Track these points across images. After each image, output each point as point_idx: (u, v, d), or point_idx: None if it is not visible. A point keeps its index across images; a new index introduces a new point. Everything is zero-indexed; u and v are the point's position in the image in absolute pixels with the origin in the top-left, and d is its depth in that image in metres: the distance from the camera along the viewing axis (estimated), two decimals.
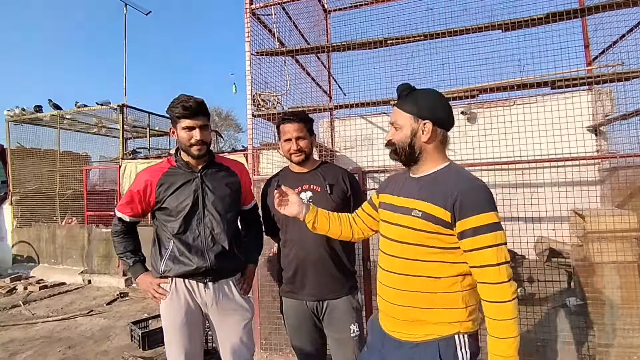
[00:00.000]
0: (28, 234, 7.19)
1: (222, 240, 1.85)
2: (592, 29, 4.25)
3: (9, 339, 3.94)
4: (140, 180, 1.85)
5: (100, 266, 6.37)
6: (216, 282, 1.85)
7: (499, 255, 1.19)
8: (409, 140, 1.35)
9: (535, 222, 3.75)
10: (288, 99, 3.74)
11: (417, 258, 1.30)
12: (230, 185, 1.94)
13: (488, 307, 1.21)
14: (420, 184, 1.35)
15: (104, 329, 4.18)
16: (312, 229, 1.65)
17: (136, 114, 7.73)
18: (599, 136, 4.63)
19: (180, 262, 1.80)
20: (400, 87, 1.39)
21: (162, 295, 1.82)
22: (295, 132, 1.90)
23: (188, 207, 1.81)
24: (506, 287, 1.18)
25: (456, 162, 1.41)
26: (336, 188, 1.91)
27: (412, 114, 1.34)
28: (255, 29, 3.38)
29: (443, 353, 1.26)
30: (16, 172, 7.60)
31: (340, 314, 1.85)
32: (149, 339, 3.52)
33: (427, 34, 3.05)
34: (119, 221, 1.90)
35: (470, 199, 1.22)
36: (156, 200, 1.84)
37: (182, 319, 1.81)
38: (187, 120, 1.78)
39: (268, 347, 3.06)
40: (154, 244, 1.90)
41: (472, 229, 1.20)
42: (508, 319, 1.18)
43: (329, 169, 2.02)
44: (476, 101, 5.05)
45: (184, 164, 1.87)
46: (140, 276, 1.89)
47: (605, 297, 2.98)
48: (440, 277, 1.27)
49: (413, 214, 1.30)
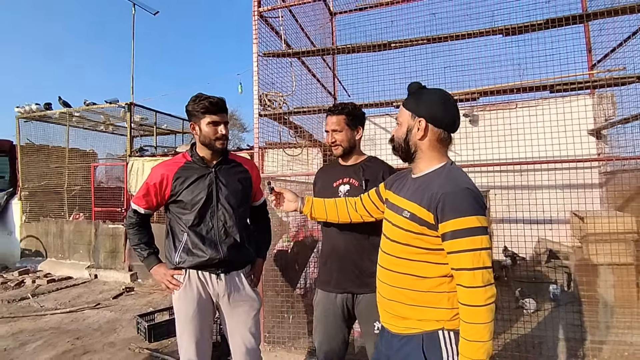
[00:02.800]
0: (36, 229, 7.32)
1: (234, 233, 1.92)
2: (594, 33, 4.30)
3: (19, 330, 4.04)
4: (156, 173, 1.91)
5: (107, 261, 6.48)
6: (228, 274, 1.92)
7: (475, 260, 1.18)
8: (404, 137, 1.38)
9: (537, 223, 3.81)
10: (294, 99, 3.82)
11: (404, 256, 1.34)
12: (242, 180, 2.01)
13: (461, 309, 1.23)
14: (416, 184, 1.37)
15: (110, 322, 4.28)
16: (312, 218, 1.77)
17: (143, 112, 7.84)
18: (600, 140, 4.69)
19: (194, 254, 1.86)
20: (410, 85, 1.41)
21: (176, 286, 1.89)
22: (333, 124, 1.93)
23: (202, 200, 1.88)
24: (480, 291, 1.18)
25: (457, 164, 1.42)
26: (371, 185, 1.87)
27: (411, 111, 1.37)
28: (263, 31, 3.47)
29: (426, 346, 1.28)
30: (25, 168, 7.73)
31: (367, 308, 1.85)
32: (154, 332, 3.61)
33: (430, 37, 3.12)
34: (134, 213, 1.97)
35: (451, 202, 1.22)
36: (171, 193, 1.90)
37: (195, 309, 1.88)
38: (214, 115, 1.86)
39: (271, 341, 3.14)
40: (168, 236, 1.96)
41: (450, 232, 1.21)
42: (479, 322, 1.18)
43: (372, 164, 2.01)
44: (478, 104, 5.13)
45: (199, 159, 1.94)
46: (155, 267, 1.95)
47: (602, 297, 3.04)
48: (425, 276, 1.30)
49: (403, 215, 1.33)
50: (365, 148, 2.15)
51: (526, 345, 2.88)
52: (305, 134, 4.03)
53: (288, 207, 1.77)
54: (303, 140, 4.14)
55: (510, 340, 2.99)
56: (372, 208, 1.69)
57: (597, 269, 3.12)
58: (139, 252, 1.99)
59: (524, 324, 2.97)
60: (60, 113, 7.59)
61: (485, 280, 1.19)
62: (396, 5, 3.99)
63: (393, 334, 1.39)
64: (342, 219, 1.75)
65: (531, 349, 2.86)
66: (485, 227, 1.22)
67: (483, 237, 1.20)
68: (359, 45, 3.39)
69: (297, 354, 3.02)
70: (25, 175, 7.70)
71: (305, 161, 4.17)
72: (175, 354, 3.29)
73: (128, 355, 3.39)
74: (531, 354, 2.77)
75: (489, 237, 1.23)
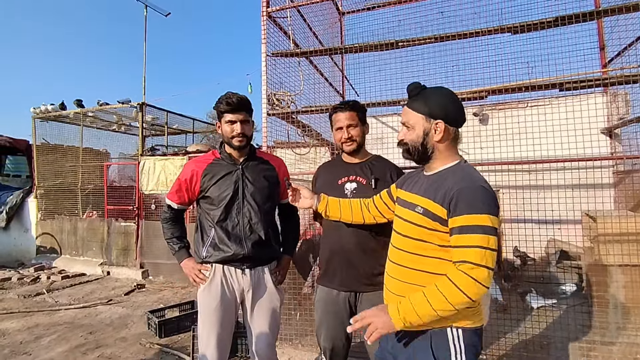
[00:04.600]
0: (51, 227, 7.49)
1: (258, 229, 1.95)
2: (608, 30, 4.22)
3: (35, 324, 4.16)
4: (187, 170, 1.99)
5: (119, 258, 6.61)
6: (253, 269, 1.96)
7: (479, 257, 1.17)
8: (421, 140, 1.37)
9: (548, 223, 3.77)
10: (302, 98, 3.85)
11: (417, 252, 1.34)
12: (269, 178, 2.04)
13: (440, 281, 1.22)
14: (430, 181, 1.37)
15: (122, 317, 4.36)
16: (325, 216, 1.76)
17: (155, 112, 7.94)
18: (613, 139, 4.61)
19: (220, 249, 1.92)
20: (410, 86, 1.40)
21: (202, 280, 1.94)
22: (347, 120, 1.91)
23: (229, 196, 1.92)
24: (471, 282, 1.16)
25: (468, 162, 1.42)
26: (381, 183, 1.88)
27: (424, 114, 1.35)
28: (271, 31, 3.50)
29: (435, 344, 1.29)
30: (41, 167, 7.91)
31: (370, 306, 1.87)
32: (165, 327, 3.68)
33: (437, 36, 3.11)
34: (168, 208, 2.05)
35: (465, 198, 1.22)
36: (200, 189, 1.96)
37: (218, 303, 1.92)
38: (230, 114, 1.91)
39: (279, 338, 3.15)
40: (197, 230, 2.02)
41: (459, 227, 1.21)
42: (442, 299, 1.18)
43: (379, 162, 2.00)
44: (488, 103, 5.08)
45: (227, 156, 2.00)
46: (184, 261, 2.01)
47: (613, 298, 2.99)
48: (439, 273, 1.28)
49: (415, 210, 1.34)
50: (373, 147, 2.15)
51: (534, 346, 2.86)
52: (313, 133, 4.06)
53: (304, 203, 1.78)
54: (311, 139, 4.17)
55: (519, 340, 2.97)
56: (384, 209, 1.69)
57: (609, 270, 3.07)
58: (171, 246, 2.07)
59: (532, 324, 2.94)
60: (75, 113, 7.74)
61: (482, 279, 1.17)
62: (404, 4, 3.99)
63: (399, 332, 1.37)
64: (356, 219, 1.75)
65: (539, 349, 2.83)
66: (496, 228, 1.20)
67: (491, 238, 1.18)
68: (367, 44, 3.39)
69: (304, 351, 3.05)
70: (40, 174, 7.88)
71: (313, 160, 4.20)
72: (184, 350, 3.35)
73: (139, 350, 3.46)
74: (539, 354, 2.75)
75: (496, 239, 1.20)
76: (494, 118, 5.23)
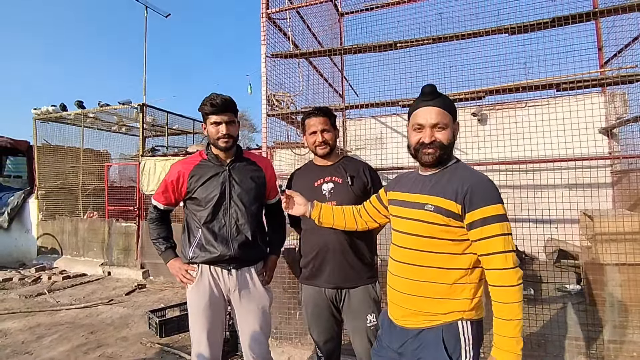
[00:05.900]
0: (52, 227, 7.52)
1: (245, 230, 1.96)
2: (605, 31, 4.25)
3: (36, 324, 4.18)
4: (173, 171, 1.99)
5: (120, 259, 6.63)
6: (239, 270, 1.98)
7: (505, 243, 1.27)
8: (452, 140, 1.43)
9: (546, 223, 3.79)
10: (301, 99, 3.87)
11: (428, 250, 1.37)
12: (256, 179, 2.05)
13: (495, 292, 1.27)
14: (432, 180, 1.42)
15: (123, 317, 4.39)
16: (319, 223, 1.78)
17: (155, 113, 7.96)
18: (611, 138, 4.63)
19: (206, 249, 1.93)
20: (429, 88, 1.42)
21: (190, 280, 1.96)
22: (321, 125, 1.97)
23: (216, 197, 1.93)
24: (512, 272, 1.25)
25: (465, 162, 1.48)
26: (357, 180, 1.96)
27: (451, 114, 1.42)
28: (271, 32, 3.52)
29: (446, 337, 1.33)
30: (42, 168, 7.93)
31: (358, 302, 1.89)
32: (165, 327, 3.70)
33: (436, 37, 3.14)
34: (154, 209, 2.06)
35: (480, 192, 1.30)
36: (187, 190, 1.98)
37: (206, 303, 1.94)
38: (214, 116, 1.92)
39: (279, 337, 3.19)
40: (184, 231, 2.03)
41: (481, 220, 1.28)
42: (513, 302, 1.24)
43: (350, 162, 2.08)
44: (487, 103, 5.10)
45: (214, 158, 2.01)
46: (171, 261, 2.03)
47: (613, 297, 3.02)
48: (450, 268, 1.34)
49: (425, 208, 1.37)
50: (374, 148, 2.17)
51: (531, 344, 2.88)
52: None
53: (298, 210, 1.79)
54: None
55: None
56: (375, 213, 1.72)
57: (606, 269, 3.09)
58: (157, 246, 2.07)
59: (530, 322, 2.96)
60: (75, 114, 7.76)
61: (515, 262, 1.27)
62: (403, 5, 4.00)
63: (407, 330, 1.41)
64: (349, 225, 1.78)
65: (537, 347, 2.85)
66: (506, 214, 1.31)
67: (508, 224, 1.30)
68: (366, 45, 3.42)
69: (304, 349, 3.07)
70: (41, 175, 7.90)
71: None
72: (185, 349, 3.37)
73: (140, 349, 3.48)
74: (536, 352, 2.77)
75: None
76: (492, 118, 5.25)
